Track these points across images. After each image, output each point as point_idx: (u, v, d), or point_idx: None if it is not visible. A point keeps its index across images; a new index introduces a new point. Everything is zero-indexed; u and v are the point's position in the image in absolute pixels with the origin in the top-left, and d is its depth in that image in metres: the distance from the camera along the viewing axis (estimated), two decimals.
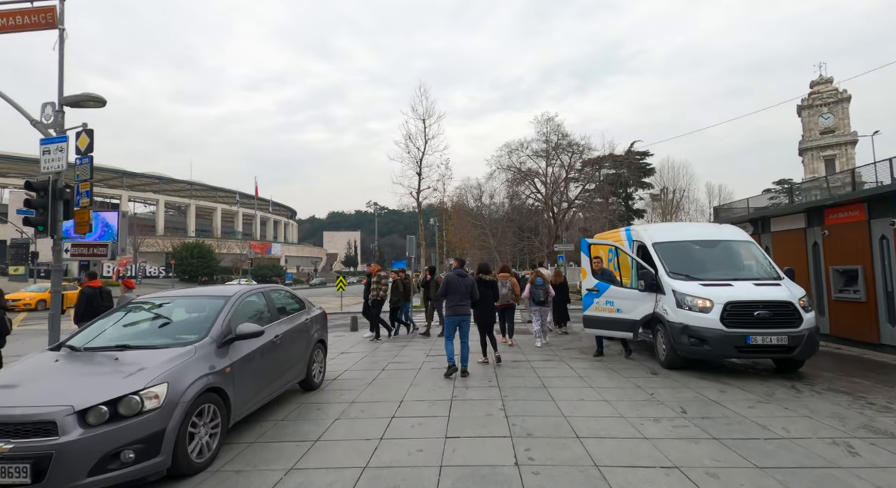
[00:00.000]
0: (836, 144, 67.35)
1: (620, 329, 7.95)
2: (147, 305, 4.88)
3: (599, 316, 8.24)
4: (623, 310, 7.83)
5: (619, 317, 7.92)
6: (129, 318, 4.68)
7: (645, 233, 8.23)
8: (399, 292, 11.38)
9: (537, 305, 9.68)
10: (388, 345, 10.10)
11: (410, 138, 22.02)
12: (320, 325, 6.55)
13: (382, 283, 11.03)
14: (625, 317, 7.80)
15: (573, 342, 10.03)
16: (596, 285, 8.35)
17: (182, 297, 5.02)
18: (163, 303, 4.94)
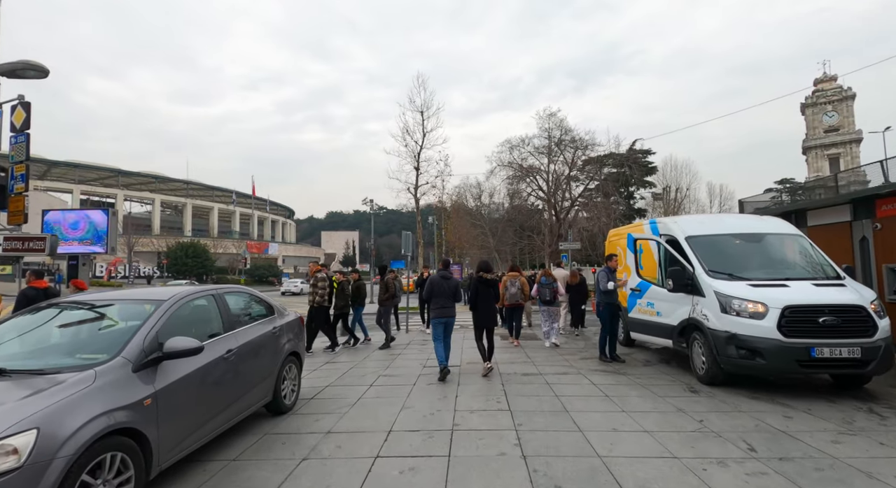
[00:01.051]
0: (841, 143, 66.44)
1: (660, 335, 6.90)
2: (54, 311, 3.74)
3: (641, 319, 7.25)
4: (662, 314, 6.75)
5: (658, 321, 6.87)
6: (22, 328, 3.57)
7: (675, 226, 7.13)
8: (345, 296, 9.68)
9: (544, 305, 9.39)
10: (380, 353, 8.98)
11: (408, 131, 20.95)
12: (294, 334, 5.44)
13: (319, 287, 9.23)
14: (663, 322, 6.73)
15: (588, 349, 8.92)
16: (638, 285, 7.27)
17: (103, 302, 3.87)
18: (76, 309, 3.79)
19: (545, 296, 9.31)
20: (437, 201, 29.31)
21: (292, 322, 5.48)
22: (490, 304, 7.04)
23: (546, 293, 9.30)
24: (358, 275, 10.37)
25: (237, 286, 5.02)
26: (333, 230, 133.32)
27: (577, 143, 31.61)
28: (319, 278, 9.34)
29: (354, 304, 9.91)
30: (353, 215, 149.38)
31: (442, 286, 6.92)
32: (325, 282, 9.32)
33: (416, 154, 20.93)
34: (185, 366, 3.44)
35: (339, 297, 9.63)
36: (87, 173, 78.27)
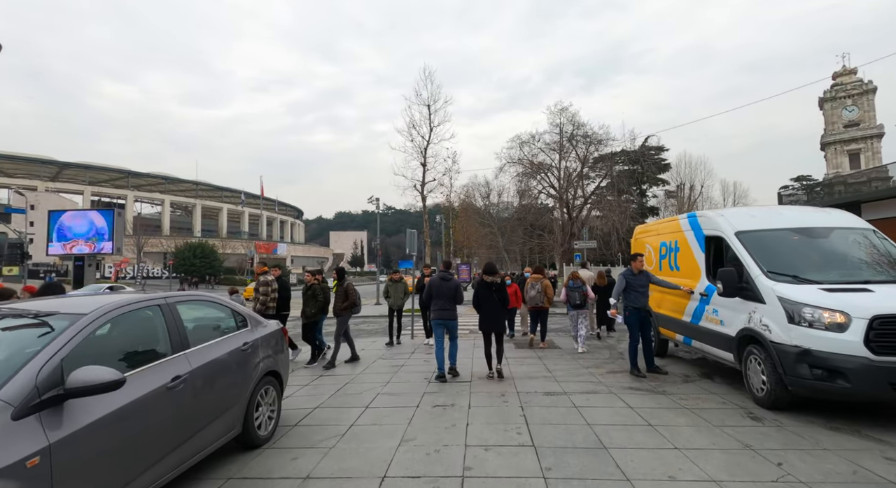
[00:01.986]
0: (862, 138, 64.42)
1: (720, 346, 5.90)
2: None
3: (708, 329, 6.19)
4: (726, 323, 5.75)
5: (719, 330, 5.87)
6: None
7: (722, 220, 6.12)
8: (317, 303, 8.25)
9: (574, 309, 9.03)
10: (382, 363, 8.08)
11: (414, 126, 20.02)
12: (273, 349, 4.55)
13: (261, 291, 7.95)
14: (724, 332, 5.74)
15: (615, 360, 7.93)
16: (706, 288, 6.24)
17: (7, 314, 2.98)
18: None
19: (575, 300, 8.94)
20: (445, 199, 28.35)
21: (270, 335, 4.59)
22: (494, 308, 6.67)
23: (576, 297, 8.92)
24: (321, 278, 8.63)
25: (197, 293, 4.12)
26: (342, 230, 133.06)
27: (590, 138, 30.45)
28: (262, 282, 8.05)
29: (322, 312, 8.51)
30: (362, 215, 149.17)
31: (441, 287, 6.82)
32: (270, 287, 8.01)
33: (422, 149, 20.03)
34: (103, 404, 2.55)
35: (310, 303, 8.29)
36: (98, 175, 78.81)
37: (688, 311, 7.00)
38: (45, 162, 73.18)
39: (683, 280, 7.12)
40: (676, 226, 7.68)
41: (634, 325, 6.76)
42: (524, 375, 6.79)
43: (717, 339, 5.90)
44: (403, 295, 9.92)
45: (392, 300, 10.02)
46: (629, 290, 6.81)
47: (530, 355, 8.49)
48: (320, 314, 8.44)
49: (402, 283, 10.09)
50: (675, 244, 7.64)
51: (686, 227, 7.27)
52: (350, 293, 8.20)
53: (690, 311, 6.92)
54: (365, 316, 18.23)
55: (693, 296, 6.82)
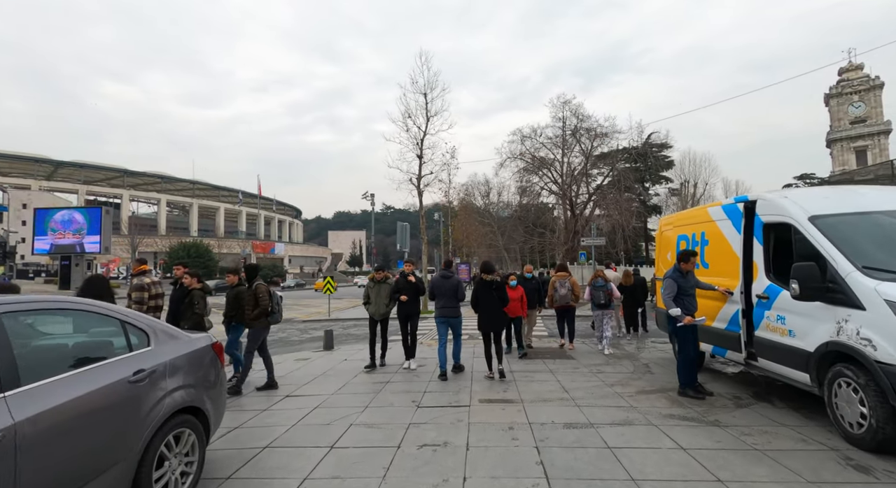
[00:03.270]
0: (869, 134, 63.27)
1: (787, 363, 4.59)
2: None
3: (770, 341, 4.86)
4: (797, 333, 4.46)
5: (788, 343, 4.55)
6: None
7: (788, 203, 4.81)
8: (194, 315, 6.03)
9: (598, 309, 8.76)
10: (363, 379, 6.79)
11: (410, 115, 18.67)
12: (194, 376, 3.27)
13: (134, 298, 6.02)
14: (795, 346, 4.45)
15: (641, 374, 6.64)
16: (766, 290, 4.94)
17: None
18: None
19: (599, 299, 8.63)
20: (443, 195, 27.05)
21: (189, 356, 3.29)
22: (493, 307, 6.56)
23: (600, 296, 8.62)
24: (238, 279, 6.78)
25: (60, 298, 2.79)
26: (341, 230, 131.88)
27: (595, 132, 29.17)
28: (136, 286, 6.08)
29: (233, 321, 6.66)
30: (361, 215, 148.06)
31: (443, 285, 6.87)
32: (146, 292, 6.00)
33: (418, 141, 18.68)
34: None
35: (187, 315, 6.08)
36: (94, 174, 77.81)
37: (723, 316, 5.75)
38: (39, 160, 72.10)
39: (717, 279, 5.88)
40: (703, 216, 6.41)
41: (690, 338, 5.50)
42: (536, 397, 5.50)
43: (784, 355, 4.61)
44: (389, 300, 7.43)
45: (373, 307, 7.42)
46: (681, 295, 5.53)
47: (540, 368, 7.21)
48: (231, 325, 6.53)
49: (387, 285, 7.51)
50: (702, 237, 6.38)
51: (720, 216, 6.01)
52: (260, 298, 6.30)
53: (727, 316, 5.67)
54: (356, 318, 16.97)
55: (731, 298, 5.58)
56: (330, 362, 8.12)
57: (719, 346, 5.96)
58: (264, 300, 6.37)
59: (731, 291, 5.59)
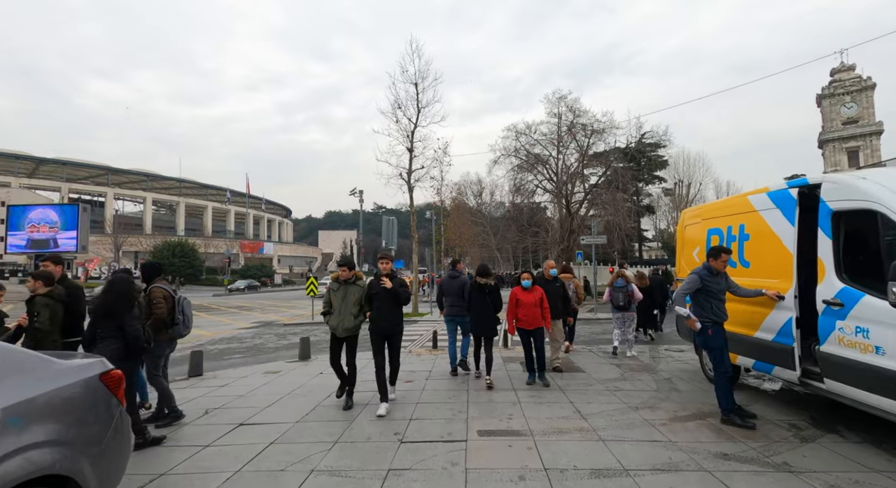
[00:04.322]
0: (861, 135, 63.35)
1: (882, 392, 3.52)
2: None
3: (843, 358, 3.84)
4: (890, 351, 3.45)
5: (877, 364, 3.51)
6: None
7: (870, 185, 3.79)
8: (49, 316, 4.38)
9: (618, 311, 8.35)
10: (330, 408, 5.68)
11: (400, 106, 17.55)
12: (64, 427, 2.19)
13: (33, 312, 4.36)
14: (889, 368, 3.42)
15: (667, 392, 5.63)
16: (839, 294, 3.92)
17: None
18: None
19: (618, 301, 8.25)
20: (436, 193, 25.96)
21: (58, 394, 2.21)
22: (485, 311, 6.32)
23: (619, 297, 8.23)
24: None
25: None
26: (332, 230, 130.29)
27: (592, 127, 28.23)
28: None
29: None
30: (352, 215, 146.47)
31: (451, 285, 7.08)
32: (44, 306, 4.31)
33: (408, 133, 17.58)
34: None
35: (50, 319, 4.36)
36: (77, 171, 75.91)
37: (770, 325, 4.76)
38: (20, 157, 70.02)
39: (761, 281, 4.90)
40: (742, 205, 5.42)
41: (722, 348, 4.56)
42: (548, 427, 4.45)
43: (868, 378, 3.61)
44: (359, 311, 5.26)
45: (335, 318, 5.23)
46: (706, 297, 4.57)
47: (551, 385, 6.16)
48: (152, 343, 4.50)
49: (356, 288, 5.32)
50: (741, 231, 5.40)
51: (765, 205, 5.02)
52: (155, 304, 4.90)
53: (775, 325, 4.69)
54: None
55: (781, 304, 4.60)
56: (302, 376, 7.02)
57: (764, 361, 4.97)
58: (160, 307, 4.87)
59: (783, 295, 4.61)
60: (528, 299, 6.10)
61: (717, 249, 4.73)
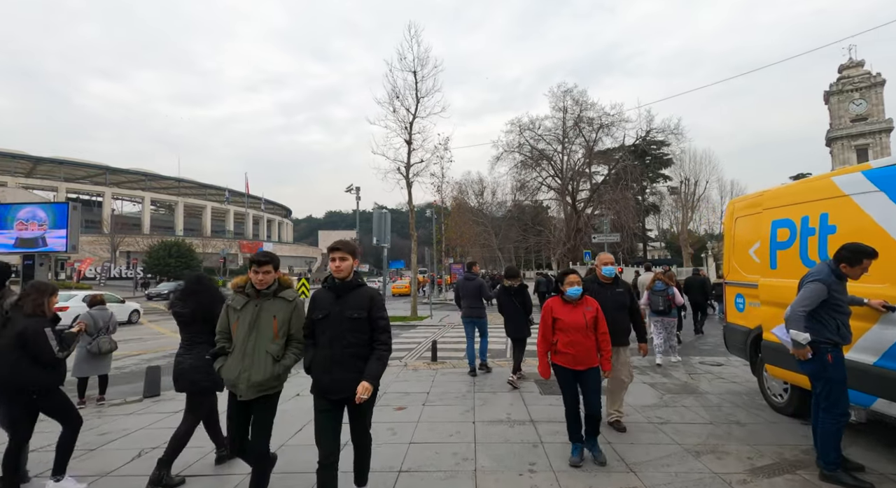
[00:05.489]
0: (870, 132, 62.22)
1: None
2: None
3: None
4: None
5: None
6: None
7: None
8: None
9: (658, 316, 7.80)
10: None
11: (397, 95, 16.40)
12: None
13: None
14: None
15: (727, 426, 4.47)
16: None
17: None
18: None
19: (658, 305, 7.77)
20: (436, 191, 24.82)
21: None
22: (515, 313, 6.51)
23: (659, 301, 7.74)
24: None
25: None
26: (332, 230, 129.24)
27: (600, 120, 27.05)
28: None
29: None
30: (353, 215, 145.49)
31: (466, 287, 7.09)
32: None
33: (407, 124, 16.42)
34: None
35: None
36: (75, 171, 75.18)
37: (870, 344, 3.61)
38: (16, 156, 69.23)
39: (854, 285, 3.71)
40: (826, 189, 4.23)
41: (843, 381, 3.35)
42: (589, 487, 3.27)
43: None
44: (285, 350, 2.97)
45: (233, 362, 2.87)
46: (831, 311, 3.34)
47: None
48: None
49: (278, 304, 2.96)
50: (822, 221, 4.22)
51: (862, 187, 3.85)
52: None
53: (880, 345, 3.54)
54: None
55: (890, 317, 3.43)
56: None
57: (860, 391, 3.78)
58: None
59: (892, 306, 3.44)
60: (574, 320, 3.70)
61: (857, 251, 3.33)
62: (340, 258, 2.84)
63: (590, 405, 3.67)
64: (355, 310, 2.75)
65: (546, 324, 3.83)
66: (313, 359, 2.81)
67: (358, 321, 2.75)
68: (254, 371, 2.79)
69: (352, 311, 2.75)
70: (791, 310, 3.34)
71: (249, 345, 2.83)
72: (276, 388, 2.91)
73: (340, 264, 2.83)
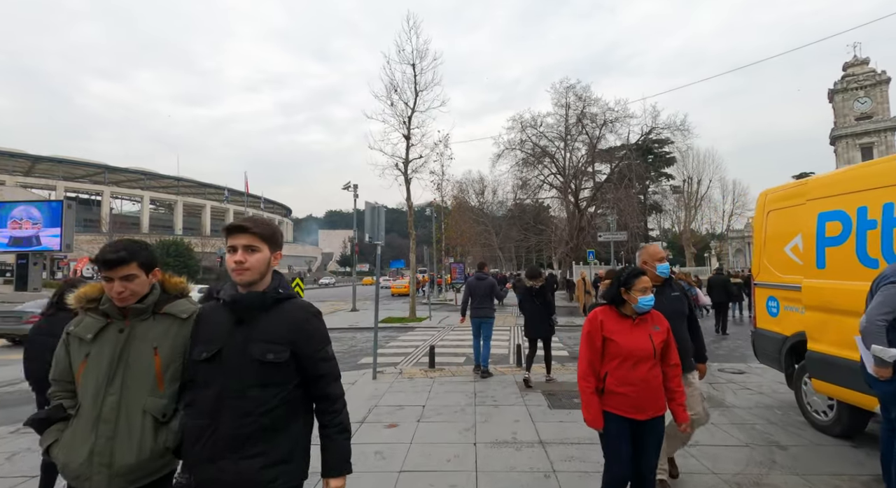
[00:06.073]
0: (875, 131, 61.67)
1: None
2: None
3: None
4: None
5: None
6: None
7: None
8: None
9: None
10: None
11: (395, 89, 15.79)
12: None
13: None
14: None
15: (774, 449, 3.87)
16: None
17: None
18: None
19: None
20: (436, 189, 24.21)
21: None
22: (537, 313, 6.45)
23: None
24: None
25: None
26: (333, 229, 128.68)
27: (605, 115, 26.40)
28: None
29: None
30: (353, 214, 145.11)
31: (478, 287, 7.12)
32: None
33: (405, 119, 15.83)
34: None
35: None
36: (74, 169, 74.89)
37: None
38: (14, 155, 68.91)
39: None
40: (890, 175, 3.61)
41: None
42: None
43: None
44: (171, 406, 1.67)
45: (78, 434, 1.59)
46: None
47: (585, 431, 4.40)
48: None
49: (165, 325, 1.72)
50: (889, 212, 3.59)
51: None
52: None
53: None
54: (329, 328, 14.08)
55: None
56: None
57: None
58: None
59: None
60: (636, 344, 2.50)
61: None
62: (245, 247, 1.59)
63: (648, 467, 2.53)
64: (270, 346, 1.56)
65: (594, 348, 2.51)
66: (187, 432, 1.58)
67: (274, 367, 1.55)
68: (119, 448, 1.56)
69: (263, 348, 1.55)
70: (867, 320, 2.74)
71: (110, 403, 1.59)
72: (161, 473, 1.66)
73: (246, 258, 1.58)
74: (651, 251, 3.26)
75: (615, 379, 2.45)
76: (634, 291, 2.47)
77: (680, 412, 2.57)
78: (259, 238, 1.61)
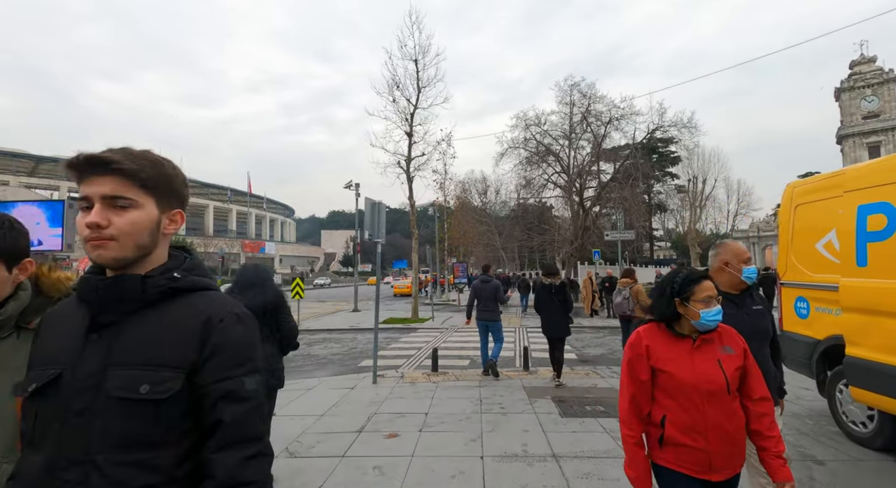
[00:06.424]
0: (882, 129, 61.02)
1: None
2: None
3: None
4: None
5: None
6: None
7: None
8: None
9: None
10: None
11: (398, 85, 15.49)
12: None
13: None
14: None
15: (820, 471, 3.53)
16: None
17: None
18: None
19: None
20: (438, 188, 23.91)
21: None
22: (555, 311, 6.34)
23: None
24: None
25: None
26: (335, 229, 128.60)
27: (610, 113, 26.01)
28: None
29: None
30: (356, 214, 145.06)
31: (483, 289, 7.06)
32: None
33: (407, 116, 15.52)
34: None
35: None
36: None
37: None
38: (17, 155, 69.21)
39: None
40: None
41: None
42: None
43: None
44: None
45: None
46: None
47: (607, 445, 4.06)
48: None
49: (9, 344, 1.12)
50: None
51: None
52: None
53: None
54: (330, 330, 13.79)
55: None
56: None
57: None
58: None
59: None
60: (701, 375, 1.76)
61: None
62: (107, 198, 0.89)
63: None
64: (145, 371, 0.86)
65: (638, 382, 1.83)
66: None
67: (149, 409, 0.84)
68: None
69: (132, 375, 0.85)
70: None
71: None
72: None
73: (108, 219, 0.88)
74: (735, 249, 2.45)
75: (675, 425, 1.74)
76: (694, 302, 1.78)
77: (777, 467, 1.74)
78: (135, 183, 0.90)
